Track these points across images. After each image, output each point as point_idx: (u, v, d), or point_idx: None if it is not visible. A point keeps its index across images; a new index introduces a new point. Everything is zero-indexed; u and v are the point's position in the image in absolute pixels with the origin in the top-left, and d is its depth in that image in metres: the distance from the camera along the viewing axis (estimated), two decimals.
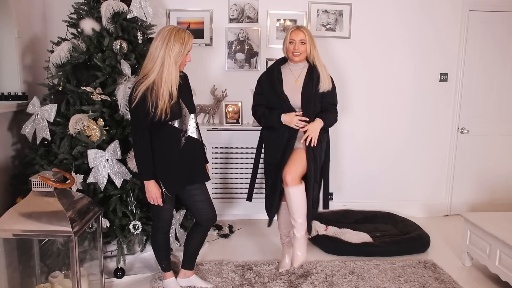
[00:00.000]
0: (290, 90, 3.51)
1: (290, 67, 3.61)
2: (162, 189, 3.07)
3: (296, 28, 3.52)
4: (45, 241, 3.35)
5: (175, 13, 4.87)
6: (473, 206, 5.47)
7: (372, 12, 5.03)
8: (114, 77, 3.62)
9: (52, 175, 2.72)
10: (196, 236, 3.38)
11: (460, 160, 5.39)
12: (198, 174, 3.22)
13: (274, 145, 3.59)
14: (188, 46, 2.97)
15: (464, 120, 5.31)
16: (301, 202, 3.48)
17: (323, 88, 3.52)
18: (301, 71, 3.57)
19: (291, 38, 3.50)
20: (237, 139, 4.82)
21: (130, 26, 3.80)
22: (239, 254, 4.18)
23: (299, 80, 3.54)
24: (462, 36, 5.14)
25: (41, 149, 3.65)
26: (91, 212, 2.91)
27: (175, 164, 3.07)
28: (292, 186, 3.43)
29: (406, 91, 5.20)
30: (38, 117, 3.60)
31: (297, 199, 3.47)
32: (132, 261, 3.79)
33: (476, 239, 3.85)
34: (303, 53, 3.50)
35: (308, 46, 3.50)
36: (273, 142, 3.61)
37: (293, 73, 3.58)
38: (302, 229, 3.54)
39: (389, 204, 5.29)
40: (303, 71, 3.57)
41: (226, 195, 4.94)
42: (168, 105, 2.92)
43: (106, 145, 3.50)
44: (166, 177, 3.07)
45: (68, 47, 3.61)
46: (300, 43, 3.48)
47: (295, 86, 3.52)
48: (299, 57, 3.51)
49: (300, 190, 3.47)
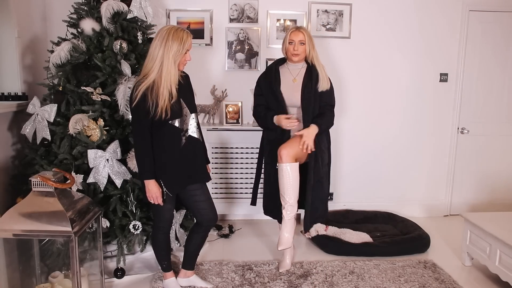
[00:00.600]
0: (287, 88, 3.57)
1: (289, 67, 3.66)
2: (163, 188, 3.08)
3: (295, 29, 3.57)
4: (45, 241, 3.35)
5: (175, 13, 4.87)
6: (473, 206, 5.47)
7: (372, 12, 5.03)
8: (114, 77, 3.62)
9: (52, 175, 2.72)
10: (196, 236, 3.38)
11: (460, 160, 5.39)
12: (199, 173, 3.24)
13: (273, 146, 3.61)
14: (187, 45, 2.98)
15: (464, 120, 5.31)
16: (293, 181, 3.47)
17: (322, 87, 3.56)
18: (299, 70, 3.62)
19: (291, 38, 3.55)
20: (237, 139, 4.82)
21: (130, 26, 3.81)
22: (239, 254, 4.19)
23: (297, 79, 3.58)
24: (462, 36, 5.14)
25: (41, 149, 3.65)
26: (91, 212, 2.92)
27: (176, 164, 3.08)
28: (286, 162, 3.42)
29: (406, 91, 5.20)
30: (38, 117, 3.61)
31: (289, 177, 3.45)
32: (132, 261, 3.79)
33: (476, 239, 3.85)
34: (302, 54, 3.55)
35: (307, 46, 3.55)
36: (272, 142, 3.65)
37: (291, 73, 3.63)
38: (292, 211, 3.53)
39: (389, 204, 5.29)
40: (301, 70, 3.62)
41: (226, 195, 4.94)
42: (169, 104, 2.94)
43: (106, 145, 3.50)
44: (166, 177, 3.08)
45: (68, 47, 3.61)
46: (299, 44, 3.53)
47: (292, 85, 3.57)
48: (298, 57, 3.56)
49: (293, 168, 3.45)
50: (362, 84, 5.13)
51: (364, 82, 5.13)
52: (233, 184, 4.93)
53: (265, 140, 3.76)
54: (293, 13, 4.98)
